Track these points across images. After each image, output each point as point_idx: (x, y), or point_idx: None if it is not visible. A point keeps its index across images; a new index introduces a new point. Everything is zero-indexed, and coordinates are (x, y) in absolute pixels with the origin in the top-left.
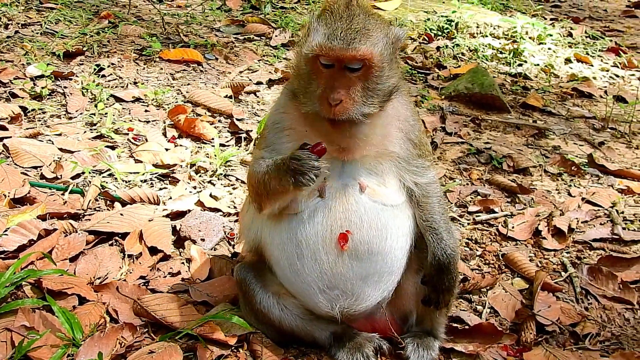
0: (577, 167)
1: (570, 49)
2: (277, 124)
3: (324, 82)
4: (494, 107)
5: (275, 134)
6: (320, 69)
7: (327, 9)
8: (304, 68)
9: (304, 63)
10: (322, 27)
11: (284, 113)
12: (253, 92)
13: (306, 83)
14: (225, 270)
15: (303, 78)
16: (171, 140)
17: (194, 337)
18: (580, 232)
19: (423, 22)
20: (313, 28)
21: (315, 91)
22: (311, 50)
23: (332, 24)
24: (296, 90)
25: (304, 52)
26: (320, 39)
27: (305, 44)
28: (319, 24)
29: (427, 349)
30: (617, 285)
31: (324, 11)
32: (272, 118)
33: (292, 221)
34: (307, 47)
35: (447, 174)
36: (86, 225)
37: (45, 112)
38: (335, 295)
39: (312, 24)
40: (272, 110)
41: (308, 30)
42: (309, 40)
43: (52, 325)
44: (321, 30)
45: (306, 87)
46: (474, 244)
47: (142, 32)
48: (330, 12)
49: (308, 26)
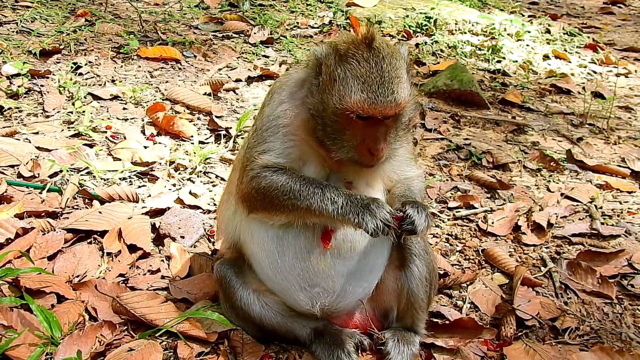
0: (556, 163)
1: (549, 45)
2: (281, 127)
3: (361, 134)
4: (473, 103)
5: (280, 140)
6: (356, 121)
7: (348, 55)
8: (333, 118)
9: (333, 114)
10: (353, 79)
11: (286, 118)
12: (232, 89)
13: (336, 132)
14: (205, 268)
15: (331, 127)
16: (150, 138)
17: (174, 334)
18: (560, 227)
19: (402, 19)
20: (339, 78)
21: (350, 141)
22: (348, 107)
23: (365, 76)
24: (320, 133)
25: (336, 106)
26: (357, 97)
27: (333, 95)
28: (347, 75)
29: (408, 344)
30: (596, 279)
31: (346, 57)
32: (274, 121)
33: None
34: (341, 103)
35: (427, 170)
36: (64, 224)
37: (22, 111)
38: (316, 293)
39: (336, 72)
40: (271, 111)
41: (331, 79)
42: (338, 92)
43: (30, 324)
44: (354, 85)
45: (336, 135)
46: (454, 240)
47: (120, 30)
48: (354, 58)
49: (329, 73)
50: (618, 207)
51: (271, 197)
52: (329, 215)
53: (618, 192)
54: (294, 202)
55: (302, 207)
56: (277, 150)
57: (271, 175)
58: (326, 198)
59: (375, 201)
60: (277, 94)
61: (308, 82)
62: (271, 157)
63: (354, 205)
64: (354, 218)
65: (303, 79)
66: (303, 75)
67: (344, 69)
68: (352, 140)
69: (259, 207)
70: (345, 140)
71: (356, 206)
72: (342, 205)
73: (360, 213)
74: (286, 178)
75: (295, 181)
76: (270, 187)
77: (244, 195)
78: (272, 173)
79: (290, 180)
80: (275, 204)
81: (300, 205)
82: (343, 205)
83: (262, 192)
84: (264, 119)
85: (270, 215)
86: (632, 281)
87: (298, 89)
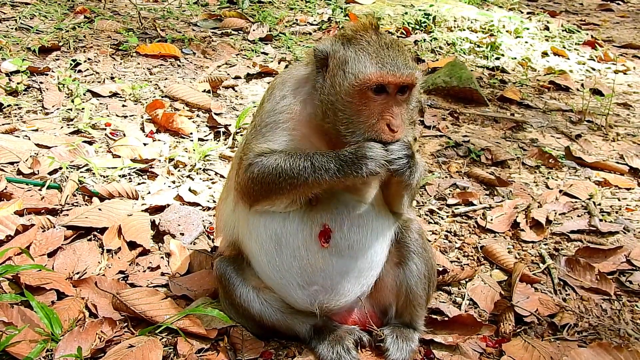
0: (554, 160)
1: (547, 42)
2: (281, 123)
3: (377, 111)
4: (472, 100)
5: (278, 134)
6: (372, 97)
7: (356, 37)
8: (349, 99)
9: (348, 94)
10: (365, 55)
11: (287, 114)
12: (231, 86)
13: (351, 115)
14: (204, 264)
15: (346, 110)
16: (149, 135)
17: (174, 331)
18: (558, 224)
19: (401, 16)
20: (351, 58)
21: (367, 121)
22: (365, 81)
23: (376, 52)
24: (331, 123)
25: (352, 83)
26: (373, 68)
27: (347, 75)
28: (359, 54)
29: (407, 340)
30: (594, 276)
31: (355, 40)
32: (274, 116)
33: (271, 217)
34: (357, 79)
35: (426, 167)
36: (64, 221)
37: (21, 108)
38: (315, 291)
39: (347, 54)
40: (272, 106)
41: (342, 62)
42: (352, 70)
43: (30, 321)
44: (367, 59)
45: (351, 118)
46: (452, 237)
47: (119, 27)
48: (363, 39)
49: (338, 57)
50: (616, 203)
51: (267, 182)
52: (328, 182)
53: (616, 189)
54: (290, 182)
55: (300, 184)
56: (276, 141)
57: (261, 161)
58: (317, 168)
59: (365, 146)
60: (279, 90)
61: (311, 78)
62: (266, 146)
63: (348, 162)
64: (354, 173)
65: (306, 75)
66: (305, 72)
67: (354, 49)
68: (369, 119)
69: (259, 197)
70: (361, 121)
71: (351, 162)
72: (338, 168)
73: (358, 166)
74: (275, 159)
75: (284, 160)
76: (263, 172)
77: (242, 188)
78: (263, 158)
79: (280, 161)
80: (273, 188)
81: (297, 183)
82: (338, 168)
83: (257, 180)
84: (264, 114)
85: (272, 201)
86: (631, 277)
87: (301, 86)
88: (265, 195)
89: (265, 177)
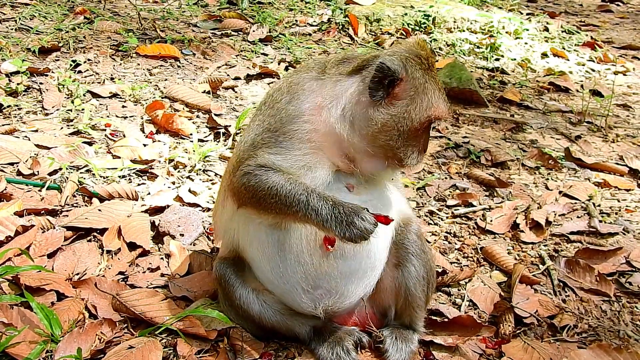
0: (554, 161)
1: (547, 43)
2: (301, 133)
3: (424, 137)
4: (472, 101)
5: (295, 145)
6: (425, 127)
7: (429, 65)
8: (415, 126)
9: (420, 123)
10: (437, 90)
11: (312, 124)
12: (231, 87)
13: (410, 139)
14: (204, 266)
15: (409, 135)
16: (149, 135)
17: (173, 332)
18: (558, 225)
19: (400, 17)
20: (426, 89)
21: (418, 145)
22: (436, 115)
23: (441, 86)
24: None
25: (427, 115)
26: (444, 107)
27: (422, 105)
28: (433, 86)
29: (406, 341)
30: (594, 277)
31: (430, 70)
32: (296, 125)
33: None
34: (429, 111)
35: (425, 168)
36: (64, 222)
37: (21, 109)
38: (319, 295)
39: (426, 83)
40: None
41: (420, 90)
42: (428, 102)
43: (30, 322)
44: (439, 95)
45: (409, 142)
46: (452, 238)
47: (118, 28)
48: (432, 70)
49: (416, 83)
50: (616, 204)
51: (259, 197)
52: (315, 224)
53: (616, 190)
54: (280, 207)
55: (289, 213)
56: (285, 155)
57: (261, 174)
58: (311, 208)
59: (360, 214)
60: (312, 96)
61: (356, 91)
62: (272, 158)
63: (337, 218)
64: (336, 230)
65: (352, 88)
66: (351, 84)
67: (430, 79)
68: (419, 145)
69: (248, 204)
70: (415, 145)
71: (340, 220)
72: (326, 218)
73: (342, 227)
74: (274, 180)
75: (283, 185)
76: (258, 187)
77: (233, 189)
78: (264, 172)
79: (278, 184)
80: (263, 204)
81: (287, 211)
82: (327, 218)
83: (250, 190)
84: (285, 117)
85: (259, 213)
86: (630, 279)
87: (342, 97)
88: (254, 206)
89: (258, 191)
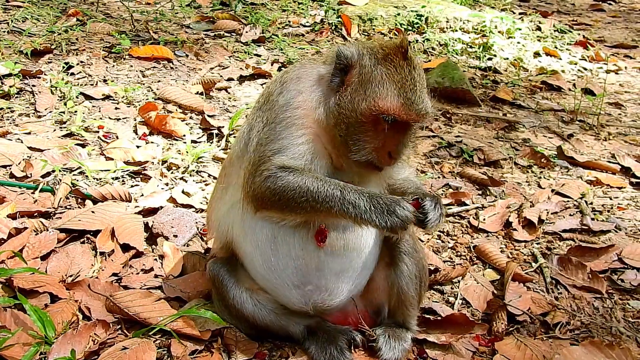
0: (546, 159)
1: (539, 42)
2: (296, 119)
3: (384, 136)
4: (465, 100)
5: (294, 135)
6: (383, 124)
7: (387, 59)
8: (361, 119)
9: (363, 115)
10: (390, 83)
11: (303, 110)
12: (224, 88)
13: (360, 133)
14: (198, 266)
15: (356, 127)
16: (142, 137)
17: (167, 332)
18: (550, 223)
19: (393, 17)
20: (376, 80)
21: (372, 143)
22: (383, 110)
23: (402, 81)
24: (341, 132)
25: (370, 107)
26: (395, 101)
27: (367, 96)
28: (384, 79)
29: (399, 340)
30: (586, 274)
31: (384, 61)
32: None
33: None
34: (375, 105)
35: (418, 167)
36: (57, 224)
37: (14, 111)
38: (309, 291)
39: (373, 74)
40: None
41: (366, 80)
42: (373, 94)
43: (24, 324)
44: (390, 88)
45: (359, 137)
46: (445, 236)
47: (111, 30)
48: (392, 62)
49: (363, 73)
50: (608, 202)
51: (287, 198)
52: (352, 218)
53: (608, 188)
54: (312, 205)
55: (322, 210)
56: (292, 149)
57: (287, 175)
58: (347, 202)
59: (400, 203)
60: (294, 84)
61: (326, 78)
62: (286, 159)
63: (377, 209)
64: (377, 221)
65: (322, 74)
66: (323, 71)
67: (381, 72)
68: (373, 142)
69: (272, 207)
70: (367, 142)
71: (381, 210)
72: (365, 209)
73: (384, 217)
74: (303, 179)
75: (313, 183)
76: (287, 188)
77: (255, 195)
78: (289, 174)
79: (308, 182)
80: (292, 205)
81: (319, 207)
82: (366, 209)
83: (277, 192)
84: (277, 109)
85: (284, 215)
86: (622, 276)
87: (317, 84)
88: (280, 209)
89: (287, 192)
